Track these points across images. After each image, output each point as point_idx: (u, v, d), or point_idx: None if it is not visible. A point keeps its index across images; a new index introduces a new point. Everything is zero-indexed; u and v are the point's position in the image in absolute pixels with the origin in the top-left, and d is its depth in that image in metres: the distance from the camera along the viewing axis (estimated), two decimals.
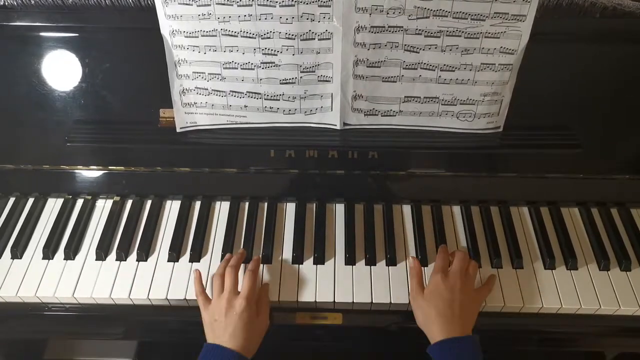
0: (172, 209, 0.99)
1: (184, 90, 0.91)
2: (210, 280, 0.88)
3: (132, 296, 0.87)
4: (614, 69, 0.93)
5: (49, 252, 0.92)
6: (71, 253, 0.92)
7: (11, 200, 1.01)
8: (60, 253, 0.93)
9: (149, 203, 1.00)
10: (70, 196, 1.01)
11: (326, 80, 0.89)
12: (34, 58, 0.92)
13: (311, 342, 0.84)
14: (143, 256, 0.92)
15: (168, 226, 0.97)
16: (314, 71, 0.87)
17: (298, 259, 0.91)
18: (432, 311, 0.78)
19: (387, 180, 0.98)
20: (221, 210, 0.99)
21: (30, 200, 1.01)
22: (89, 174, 0.98)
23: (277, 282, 0.89)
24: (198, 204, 1.00)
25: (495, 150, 0.94)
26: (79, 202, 1.00)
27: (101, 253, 0.92)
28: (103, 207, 1.00)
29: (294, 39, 0.84)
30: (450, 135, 0.94)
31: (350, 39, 0.84)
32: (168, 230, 0.96)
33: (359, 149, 0.93)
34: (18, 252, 0.93)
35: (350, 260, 0.91)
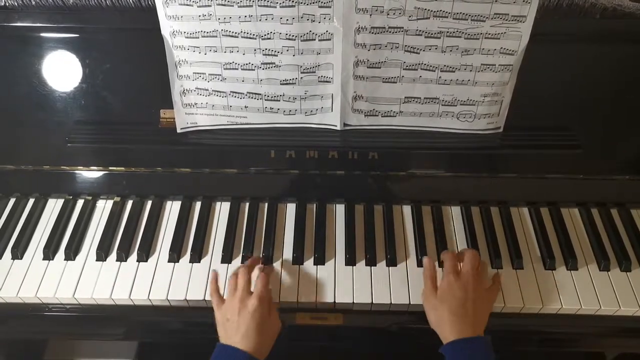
0: (173, 209, 1.00)
1: (185, 91, 0.91)
2: (209, 281, 0.88)
3: (133, 297, 0.87)
4: (614, 70, 0.93)
5: (49, 253, 0.92)
6: (72, 253, 0.92)
7: (12, 200, 1.02)
8: (61, 253, 0.93)
9: (150, 203, 1.00)
10: (71, 197, 1.01)
11: (326, 81, 0.89)
12: (34, 58, 0.92)
13: (311, 343, 0.84)
14: (143, 257, 0.92)
15: (168, 227, 0.97)
16: (315, 72, 0.87)
17: (298, 260, 0.91)
18: (445, 311, 0.78)
19: (388, 181, 0.98)
20: (221, 210, 0.99)
21: (31, 201, 1.01)
22: (89, 174, 0.99)
23: (278, 283, 0.89)
24: (198, 205, 1.00)
25: (496, 150, 0.94)
26: (80, 203, 1.01)
27: (101, 253, 0.92)
28: (103, 208, 1.00)
29: (295, 40, 0.84)
30: (451, 135, 0.94)
31: (350, 39, 0.84)
32: (168, 230, 0.96)
33: (359, 150, 0.93)
34: (18, 253, 0.93)
35: (350, 260, 0.91)
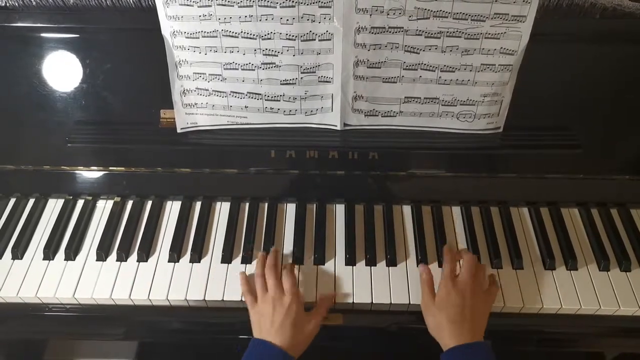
0: (173, 209, 1.00)
1: (185, 91, 0.91)
2: (210, 281, 0.89)
3: (133, 297, 0.87)
4: (614, 70, 0.93)
5: (49, 253, 0.92)
6: (72, 253, 0.92)
7: (12, 201, 1.02)
8: (61, 254, 0.93)
9: (150, 204, 1.00)
10: (71, 197, 1.01)
11: (327, 81, 0.89)
12: (35, 59, 0.92)
13: (310, 342, 0.84)
14: (143, 257, 0.92)
15: (168, 227, 0.97)
16: (315, 72, 0.88)
17: (298, 260, 0.91)
18: (444, 319, 0.78)
19: (388, 181, 0.98)
20: (221, 210, 0.99)
21: (31, 201, 1.01)
22: (89, 174, 0.99)
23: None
24: (198, 205, 1.00)
25: (495, 150, 0.94)
26: (80, 203, 1.01)
27: (102, 253, 0.92)
28: (104, 208, 1.00)
29: (295, 40, 0.84)
30: (451, 135, 0.94)
31: (350, 39, 0.84)
32: (168, 230, 0.96)
33: (359, 150, 0.93)
34: (19, 253, 0.93)
35: (350, 260, 0.91)
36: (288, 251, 0.93)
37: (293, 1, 0.80)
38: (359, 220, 0.97)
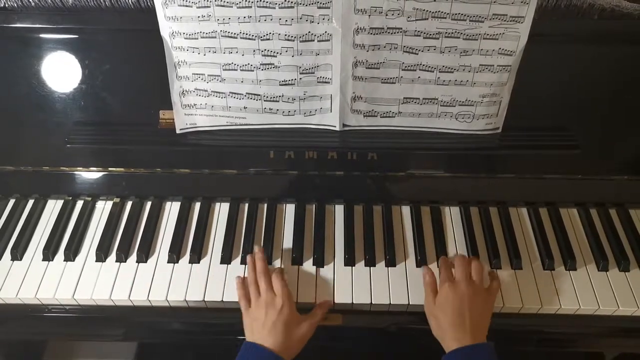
0: (172, 210, 1.00)
1: (184, 92, 0.91)
2: (209, 281, 0.89)
3: (132, 297, 0.87)
4: (613, 70, 0.93)
5: (49, 254, 0.92)
6: (71, 254, 0.92)
7: (11, 201, 1.02)
8: (60, 254, 0.93)
9: (149, 204, 1.00)
10: (70, 198, 1.01)
11: (325, 82, 0.89)
12: (34, 59, 0.92)
13: (311, 343, 0.84)
14: (143, 257, 0.92)
15: (168, 227, 0.97)
16: (314, 72, 0.88)
17: (297, 260, 0.91)
18: (444, 321, 0.79)
19: (387, 182, 0.98)
20: (221, 211, 0.99)
21: (30, 202, 1.01)
22: (88, 175, 0.99)
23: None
24: (198, 205, 1.00)
25: (494, 151, 0.95)
26: (79, 204, 1.01)
27: (101, 254, 0.92)
28: (103, 209, 1.00)
29: (294, 41, 0.84)
30: (449, 136, 0.94)
31: (349, 40, 0.84)
32: (168, 231, 0.96)
33: (358, 150, 0.94)
34: (18, 254, 0.93)
35: (349, 261, 0.91)
36: (287, 252, 0.93)
37: (292, 2, 0.80)
38: (358, 220, 0.97)
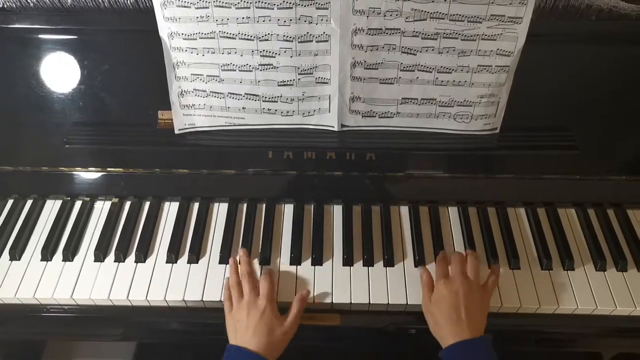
0: (171, 210, 1.00)
1: (183, 92, 0.91)
2: (208, 281, 0.89)
3: (131, 297, 0.87)
4: (610, 71, 0.93)
5: (47, 254, 0.92)
6: (70, 254, 0.92)
7: (9, 202, 1.02)
8: (59, 254, 0.93)
9: (148, 204, 1.00)
10: (69, 198, 1.01)
11: (324, 82, 0.89)
12: (33, 60, 0.92)
13: (309, 343, 0.84)
14: (141, 257, 0.92)
15: (166, 228, 0.97)
16: (312, 73, 0.88)
17: (296, 260, 0.92)
18: (440, 317, 0.79)
19: (385, 182, 0.98)
20: (219, 211, 0.99)
21: (29, 202, 1.01)
22: (87, 175, 0.99)
23: (275, 283, 0.89)
24: (196, 206, 1.00)
25: (492, 151, 0.95)
26: (78, 204, 1.01)
27: (99, 254, 0.92)
28: (101, 209, 1.00)
29: (292, 41, 0.84)
30: (448, 136, 0.94)
31: (347, 41, 0.84)
32: (166, 231, 0.96)
33: (356, 151, 0.94)
34: (16, 254, 0.93)
35: (348, 261, 0.91)
36: (286, 251, 0.93)
37: (290, 3, 0.80)
38: (357, 220, 0.97)
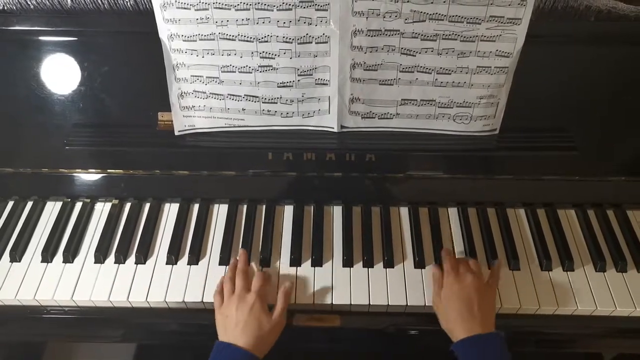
0: (171, 211, 1.00)
1: (182, 94, 0.91)
2: (208, 283, 0.89)
3: (131, 299, 0.88)
4: (609, 72, 0.93)
5: (47, 255, 0.92)
6: (70, 256, 0.92)
7: (10, 203, 1.02)
8: (59, 256, 0.93)
9: (148, 206, 1.01)
10: (69, 199, 1.01)
11: (323, 84, 0.89)
12: (33, 62, 0.92)
13: (309, 344, 0.85)
14: (141, 259, 0.92)
15: (166, 229, 0.97)
16: (312, 74, 0.88)
17: (296, 261, 0.92)
18: (452, 312, 0.80)
19: (385, 183, 0.98)
20: (219, 213, 0.99)
21: (29, 204, 1.01)
22: (87, 177, 0.99)
23: (275, 285, 0.89)
24: (196, 207, 1.00)
25: (492, 152, 0.95)
26: (78, 205, 1.01)
27: (100, 256, 0.92)
28: (102, 210, 1.00)
29: (292, 43, 0.84)
30: (447, 137, 0.94)
31: (347, 42, 0.84)
32: (166, 233, 0.96)
33: (356, 152, 0.94)
34: (17, 256, 0.93)
35: (348, 262, 0.91)
36: (286, 253, 0.93)
37: (290, 4, 0.80)
38: (357, 221, 0.97)
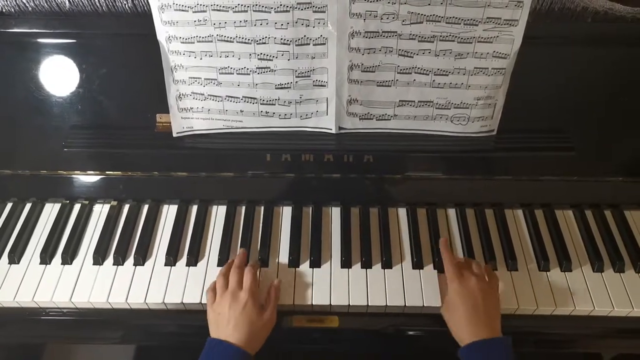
0: (169, 213, 1.00)
1: (181, 96, 0.91)
2: (207, 284, 0.89)
3: (130, 300, 0.88)
4: (607, 73, 0.93)
5: (46, 257, 0.93)
6: (68, 258, 0.92)
7: (8, 205, 1.02)
8: (58, 258, 0.93)
9: (146, 207, 1.01)
10: (68, 201, 1.01)
11: (321, 85, 0.89)
12: (31, 64, 0.93)
13: (308, 345, 0.85)
14: (140, 260, 0.92)
15: (165, 230, 0.97)
16: (309, 76, 0.88)
17: (294, 262, 0.92)
18: (459, 317, 0.79)
19: (383, 184, 0.98)
20: (218, 214, 1.00)
21: (28, 206, 1.02)
22: (86, 179, 0.99)
23: (271, 283, 0.89)
24: (195, 208, 1.00)
25: (489, 153, 0.95)
26: (77, 207, 1.01)
27: (98, 257, 0.92)
28: (100, 212, 1.00)
29: (289, 44, 0.84)
30: (445, 138, 0.95)
31: (344, 44, 0.84)
32: (165, 234, 0.97)
33: (354, 153, 0.94)
34: (15, 257, 0.93)
35: (346, 263, 0.91)
36: (284, 254, 0.93)
37: (287, 6, 0.81)
38: (355, 222, 0.98)
